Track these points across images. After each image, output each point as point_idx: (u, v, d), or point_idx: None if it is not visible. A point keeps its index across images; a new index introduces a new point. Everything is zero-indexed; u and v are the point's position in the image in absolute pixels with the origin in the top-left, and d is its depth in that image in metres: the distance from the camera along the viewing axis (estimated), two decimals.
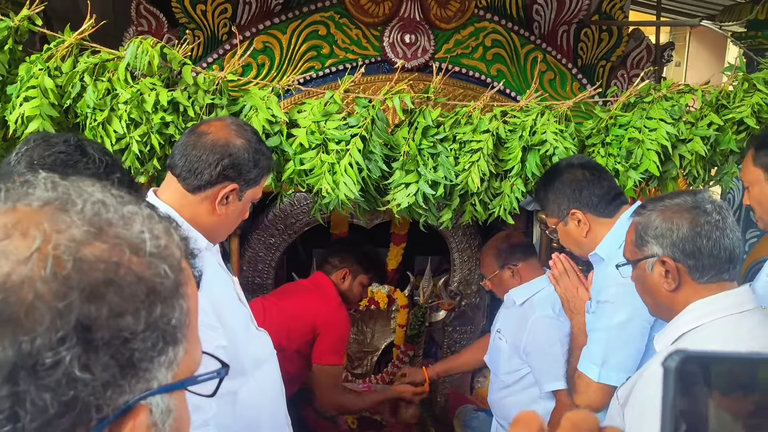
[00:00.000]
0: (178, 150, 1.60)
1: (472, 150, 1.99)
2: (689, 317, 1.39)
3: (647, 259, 1.43)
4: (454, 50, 2.72)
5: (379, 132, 1.96)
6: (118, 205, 0.61)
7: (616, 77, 2.92)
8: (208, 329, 1.45)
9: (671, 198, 1.45)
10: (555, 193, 1.99)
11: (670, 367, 0.49)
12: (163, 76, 1.88)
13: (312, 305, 2.78)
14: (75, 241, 0.56)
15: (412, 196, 1.96)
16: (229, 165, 1.57)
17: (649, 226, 1.42)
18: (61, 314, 0.53)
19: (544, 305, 2.41)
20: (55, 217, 0.57)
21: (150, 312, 0.58)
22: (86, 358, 0.54)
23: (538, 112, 2.02)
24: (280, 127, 1.94)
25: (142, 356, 0.58)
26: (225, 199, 1.59)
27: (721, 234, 1.37)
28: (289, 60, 2.59)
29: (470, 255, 3.68)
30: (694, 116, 2.11)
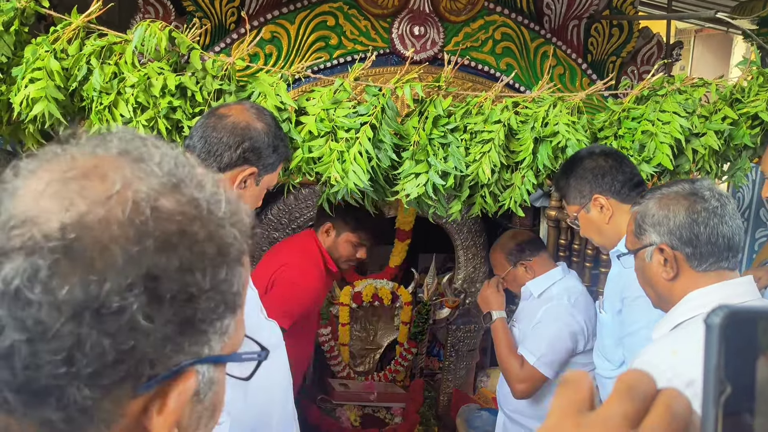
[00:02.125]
0: (197, 131, 1.58)
1: (483, 140, 1.96)
2: (687, 307, 1.36)
3: (646, 248, 1.40)
4: (463, 43, 2.69)
5: (389, 121, 1.93)
6: (191, 165, 0.61)
7: (626, 73, 2.89)
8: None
9: (669, 186, 1.43)
10: (577, 179, 1.97)
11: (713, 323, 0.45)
12: (171, 61, 1.85)
13: (277, 257, 2.54)
14: (154, 190, 0.55)
15: (421, 186, 1.93)
16: (249, 148, 1.56)
17: (646, 214, 1.40)
18: (133, 260, 0.52)
19: (561, 296, 2.43)
20: (134, 165, 0.57)
21: (216, 273, 0.57)
22: (150, 309, 0.53)
23: (551, 103, 1.99)
24: (289, 115, 1.91)
25: (203, 317, 0.57)
26: (243, 182, 1.58)
27: (720, 221, 1.34)
28: (297, 50, 2.56)
29: (475, 252, 3.65)
30: (707, 110, 2.08)
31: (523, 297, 2.61)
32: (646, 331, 1.79)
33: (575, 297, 2.41)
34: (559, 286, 2.46)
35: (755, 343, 0.45)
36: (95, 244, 0.52)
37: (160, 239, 0.54)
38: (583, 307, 2.41)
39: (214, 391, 0.63)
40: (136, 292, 0.52)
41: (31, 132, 1.86)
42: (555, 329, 2.36)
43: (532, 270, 2.52)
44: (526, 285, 2.54)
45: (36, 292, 0.50)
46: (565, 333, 2.36)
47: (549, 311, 2.41)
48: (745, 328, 0.46)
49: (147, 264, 0.53)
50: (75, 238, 0.51)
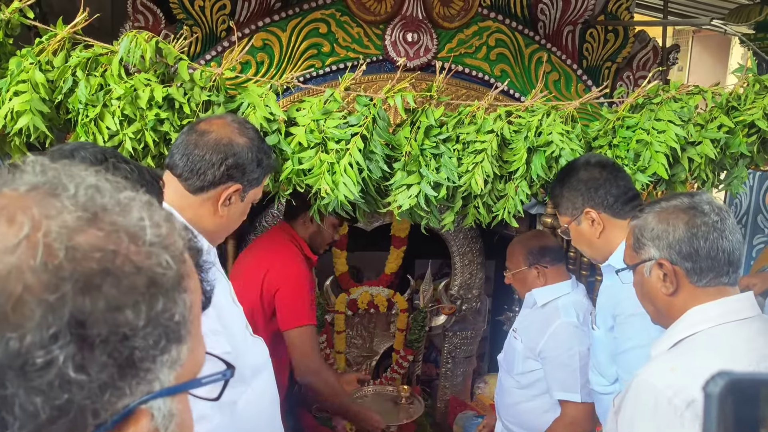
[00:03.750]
0: (179, 149, 1.54)
1: (476, 151, 1.93)
2: (686, 323, 1.34)
3: (645, 263, 1.38)
4: (457, 50, 2.66)
5: (380, 131, 1.90)
6: (114, 190, 0.56)
7: (621, 79, 2.86)
8: (212, 334, 1.40)
9: (668, 200, 1.41)
10: (570, 190, 1.94)
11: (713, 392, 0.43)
12: (158, 72, 1.82)
13: (261, 262, 2.47)
14: (67, 228, 0.51)
15: (413, 197, 1.90)
16: (233, 165, 1.52)
17: (645, 228, 1.38)
18: (53, 308, 0.48)
19: (569, 311, 2.37)
20: (44, 201, 0.52)
21: (151, 306, 0.53)
22: (81, 357, 0.49)
23: (544, 112, 1.96)
24: (279, 126, 1.88)
25: (143, 355, 0.53)
26: (228, 200, 1.55)
27: (720, 235, 1.32)
28: (289, 58, 2.53)
29: (471, 259, 3.62)
30: (703, 118, 2.05)
31: (526, 304, 2.57)
32: (640, 350, 1.77)
33: (583, 315, 2.35)
34: (565, 300, 2.40)
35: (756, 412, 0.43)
36: (8, 297, 0.48)
37: (81, 281, 0.50)
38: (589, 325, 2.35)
39: (177, 422, 0.60)
40: (62, 342, 0.48)
41: (17, 144, 1.83)
42: (577, 355, 2.29)
43: (544, 277, 2.46)
44: (532, 292, 2.48)
45: None
46: (584, 353, 2.29)
47: (562, 334, 2.33)
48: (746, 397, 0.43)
49: (69, 310, 0.49)
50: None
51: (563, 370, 2.32)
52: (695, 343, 1.30)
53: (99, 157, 1.23)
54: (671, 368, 1.25)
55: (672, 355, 1.32)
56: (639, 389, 1.27)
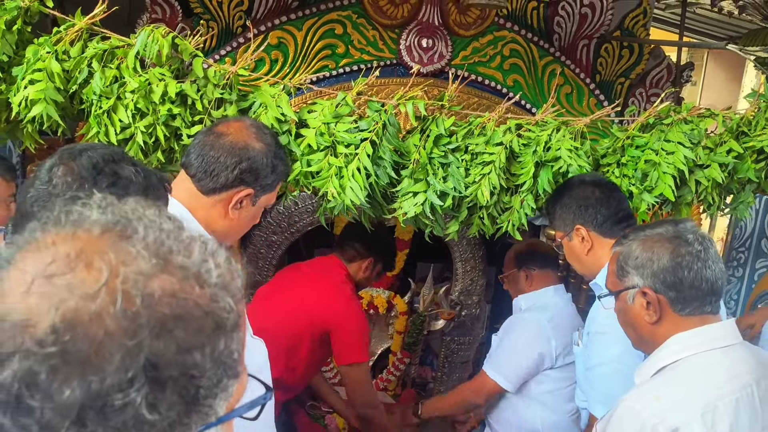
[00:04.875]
0: (195, 149, 1.54)
1: (484, 162, 1.94)
2: (669, 351, 1.35)
3: (628, 290, 1.38)
4: (471, 58, 2.67)
5: (389, 137, 1.91)
6: (177, 230, 0.59)
7: (634, 95, 2.86)
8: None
9: (653, 227, 1.41)
10: (562, 207, 1.98)
11: None
12: (173, 67, 1.83)
13: (320, 297, 2.56)
14: (143, 275, 0.54)
15: (419, 205, 1.91)
16: (246, 169, 1.52)
17: (629, 256, 1.38)
18: (130, 353, 0.51)
19: (543, 309, 2.50)
20: (118, 246, 0.55)
21: (215, 347, 0.56)
22: (154, 398, 0.52)
23: (554, 127, 1.96)
24: (289, 127, 1.89)
25: (207, 393, 0.56)
26: (239, 203, 1.55)
27: (703, 265, 1.33)
28: (303, 57, 2.54)
29: (473, 265, 3.63)
30: (713, 141, 2.05)
31: (514, 310, 2.67)
32: (602, 368, 1.81)
33: (555, 315, 2.47)
34: (543, 302, 2.52)
35: None
36: (90, 342, 0.51)
37: (156, 326, 0.52)
38: (561, 327, 2.46)
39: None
40: (138, 385, 0.51)
41: (29, 132, 1.84)
42: (518, 342, 2.46)
43: (531, 280, 2.57)
44: (518, 299, 2.59)
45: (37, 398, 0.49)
46: (528, 347, 2.44)
47: (521, 323, 2.50)
48: None
49: (145, 354, 0.51)
50: (69, 340, 0.50)
51: (501, 345, 2.50)
52: (678, 371, 1.31)
53: (107, 158, 1.24)
54: (656, 397, 1.26)
55: (656, 383, 1.33)
56: (623, 416, 1.28)
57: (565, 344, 2.43)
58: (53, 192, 1.18)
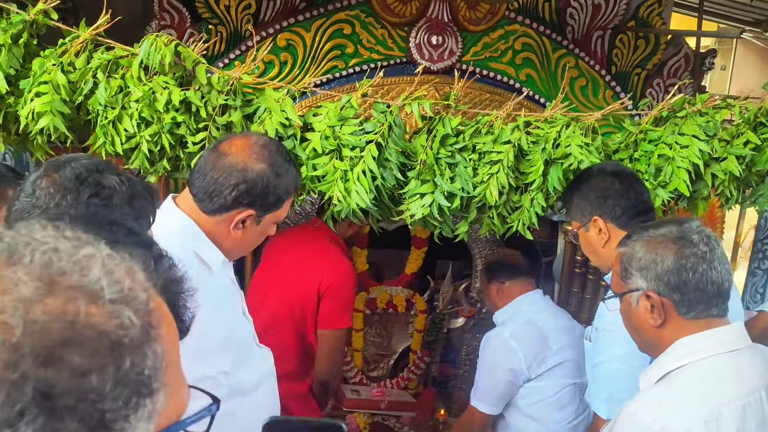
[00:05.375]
0: (198, 169, 1.53)
1: (492, 161, 1.91)
2: (674, 355, 1.30)
3: (632, 293, 1.34)
4: (482, 53, 2.64)
5: (395, 139, 1.89)
6: (73, 249, 0.56)
7: (651, 86, 2.80)
8: (212, 354, 1.41)
9: (656, 228, 1.36)
10: (580, 197, 1.91)
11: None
12: (177, 75, 1.84)
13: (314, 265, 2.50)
14: (23, 301, 0.51)
15: (426, 207, 1.89)
16: (245, 191, 1.49)
17: (633, 257, 1.34)
18: (15, 386, 0.48)
19: (506, 323, 2.51)
20: (1, 272, 0.52)
21: (117, 367, 0.53)
22: (52, 428, 0.49)
23: (564, 123, 1.92)
24: (294, 131, 1.88)
25: (114, 416, 0.53)
26: (241, 223, 1.53)
27: (709, 266, 1.28)
28: (312, 58, 2.54)
29: None
30: (729, 133, 1.99)
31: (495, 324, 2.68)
32: (606, 366, 1.78)
33: (521, 325, 2.46)
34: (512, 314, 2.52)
35: None
36: None
37: (42, 354, 0.50)
38: (529, 336, 2.44)
39: None
40: (29, 418, 0.48)
41: (39, 143, 1.87)
42: (485, 365, 2.48)
43: (502, 293, 2.57)
44: (495, 315, 2.59)
45: None
46: (495, 367, 2.45)
47: (485, 343, 2.51)
48: None
49: (33, 385, 0.49)
50: None
51: (478, 374, 2.50)
52: (683, 376, 1.27)
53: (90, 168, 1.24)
54: (659, 404, 1.22)
55: (660, 389, 1.29)
56: (626, 423, 1.25)
57: (537, 352, 2.41)
58: (36, 204, 1.19)
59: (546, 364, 2.41)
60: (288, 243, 2.65)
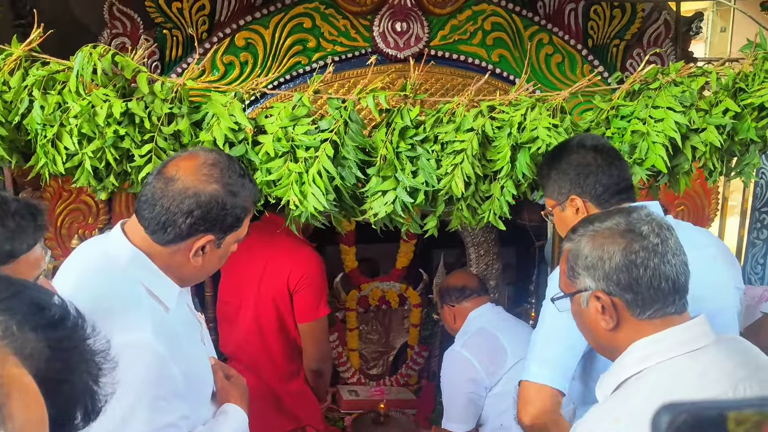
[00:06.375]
0: (145, 197, 1.41)
1: (456, 151, 1.81)
2: (630, 360, 1.19)
3: (581, 293, 1.23)
4: (450, 37, 2.53)
5: (353, 135, 1.80)
6: None
7: (631, 57, 2.67)
8: (172, 400, 1.34)
9: (602, 220, 1.23)
10: (558, 173, 1.77)
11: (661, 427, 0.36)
12: (117, 86, 1.75)
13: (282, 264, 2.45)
14: None
15: (389, 204, 1.80)
16: (200, 217, 1.39)
17: (579, 255, 1.22)
18: None
19: (458, 340, 2.52)
20: None
21: None
22: None
23: (529, 105, 1.82)
24: (245, 135, 1.80)
25: None
26: (200, 250, 1.43)
27: (661, 260, 1.16)
28: (274, 56, 2.44)
29: (487, 249, 3.50)
30: (708, 102, 1.87)
31: None
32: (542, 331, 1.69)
33: (468, 338, 2.47)
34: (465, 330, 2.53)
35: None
36: None
37: None
38: (476, 344, 2.44)
39: None
40: None
41: None
42: (445, 384, 2.47)
43: (456, 315, 2.61)
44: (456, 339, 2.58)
45: None
46: (455, 383, 2.44)
47: (443, 364, 2.51)
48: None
49: None
50: None
51: (443, 395, 2.50)
52: (641, 384, 1.15)
53: None
54: (614, 419, 1.11)
55: (616, 401, 1.18)
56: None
57: (492, 356, 2.38)
58: None
59: (504, 366, 2.35)
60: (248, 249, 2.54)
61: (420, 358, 3.46)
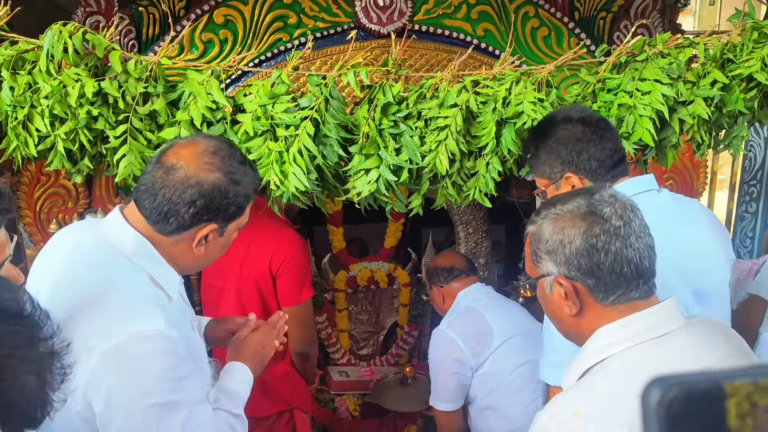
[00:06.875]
0: (145, 186, 1.37)
1: (439, 128, 1.77)
2: (595, 347, 1.15)
3: (544, 278, 1.19)
4: (434, 11, 2.47)
5: (334, 112, 1.76)
6: None
7: (618, 29, 2.63)
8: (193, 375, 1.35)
9: (564, 202, 1.18)
10: (548, 152, 1.69)
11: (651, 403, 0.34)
12: (90, 65, 1.70)
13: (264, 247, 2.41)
14: None
15: (373, 183, 1.76)
16: (203, 207, 1.36)
17: (540, 239, 1.18)
18: None
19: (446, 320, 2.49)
20: None
21: None
22: None
23: (513, 80, 1.78)
24: (224, 114, 1.75)
25: None
26: (204, 239, 1.40)
27: (623, 244, 1.12)
28: (254, 33, 2.38)
29: (476, 227, 3.48)
30: (695, 74, 1.84)
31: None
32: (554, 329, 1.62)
33: (454, 318, 2.45)
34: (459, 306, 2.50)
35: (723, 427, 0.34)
36: None
37: None
38: (462, 323, 2.42)
39: None
40: None
41: None
42: (432, 363, 2.46)
43: (444, 295, 2.58)
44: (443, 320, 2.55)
45: None
46: (441, 362, 2.42)
47: (431, 343, 2.50)
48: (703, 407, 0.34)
49: None
50: None
51: (431, 375, 2.48)
52: (605, 373, 1.12)
53: None
54: (573, 413, 1.06)
55: (577, 391, 1.13)
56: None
57: (478, 336, 2.36)
58: None
59: (491, 346, 2.33)
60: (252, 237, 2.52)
61: (410, 337, 3.45)
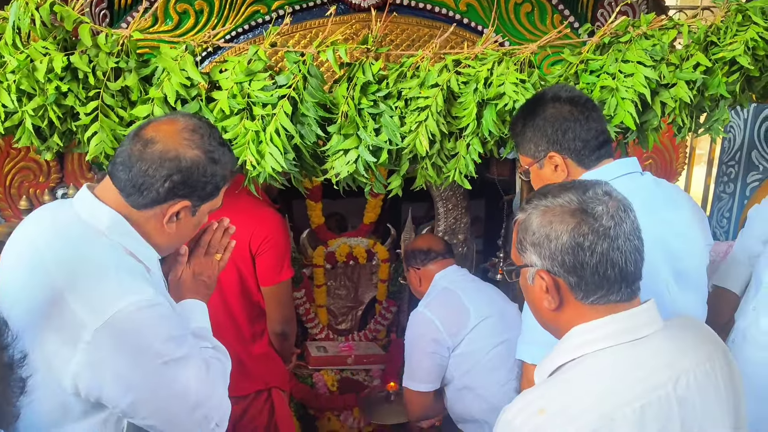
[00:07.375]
0: (121, 159, 1.35)
1: (420, 108, 1.74)
2: (569, 344, 1.14)
3: (527, 269, 1.17)
4: None
5: (312, 91, 1.72)
6: None
7: (602, 6, 2.59)
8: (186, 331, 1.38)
9: (556, 194, 1.16)
10: (534, 130, 1.67)
11: None
12: (58, 38, 1.64)
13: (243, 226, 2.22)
14: None
15: (351, 164, 1.73)
16: (179, 182, 1.34)
17: (527, 229, 1.16)
18: None
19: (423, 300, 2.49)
20: None
21: None
22: None
23: (495, 60, 1.75)
24: (198, 91, 1.70)
25: None
26: (175, 215, 1.38)
27: (610, 246, 1.10)
28: (231, 4, 2.31)
29: (455, 203, 3.46)
30: (678, 56, 1.82)
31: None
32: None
33: (431, 299, 2.46)
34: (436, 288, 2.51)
35: None
36: None
37: None
38: (439, 304, 2.42)
39: None
40: None
41: None
42: (409, 343, 2.46)
43: (418, 277, 2.58)
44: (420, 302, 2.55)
45: None
46: (418, 342, 2.42)
47: (408, 324, 2.47)
48: None
49: None
50: None
51: (405, 355, 2.47)
52: (577, 371, 1.11)
53: None
54: (540, 410, 1.05)
55: (547, 388, 1.12)
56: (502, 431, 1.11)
57: (455, 315, 2.36)
58: None
59: (467, 327, 2.34)
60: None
61: (388, 313, 3.45)
